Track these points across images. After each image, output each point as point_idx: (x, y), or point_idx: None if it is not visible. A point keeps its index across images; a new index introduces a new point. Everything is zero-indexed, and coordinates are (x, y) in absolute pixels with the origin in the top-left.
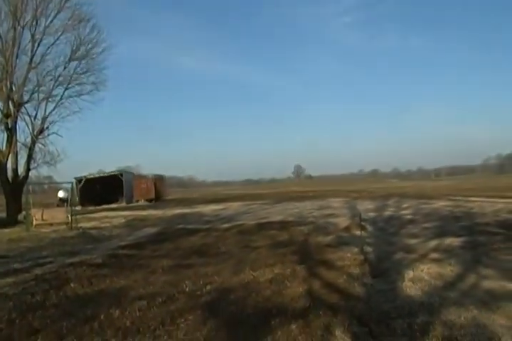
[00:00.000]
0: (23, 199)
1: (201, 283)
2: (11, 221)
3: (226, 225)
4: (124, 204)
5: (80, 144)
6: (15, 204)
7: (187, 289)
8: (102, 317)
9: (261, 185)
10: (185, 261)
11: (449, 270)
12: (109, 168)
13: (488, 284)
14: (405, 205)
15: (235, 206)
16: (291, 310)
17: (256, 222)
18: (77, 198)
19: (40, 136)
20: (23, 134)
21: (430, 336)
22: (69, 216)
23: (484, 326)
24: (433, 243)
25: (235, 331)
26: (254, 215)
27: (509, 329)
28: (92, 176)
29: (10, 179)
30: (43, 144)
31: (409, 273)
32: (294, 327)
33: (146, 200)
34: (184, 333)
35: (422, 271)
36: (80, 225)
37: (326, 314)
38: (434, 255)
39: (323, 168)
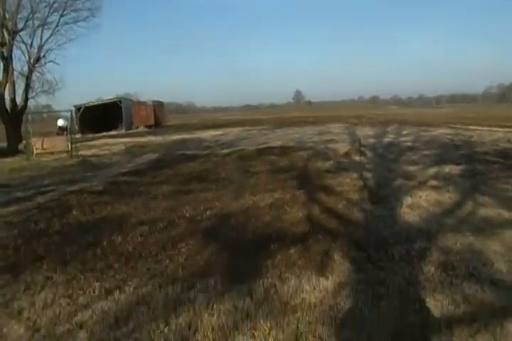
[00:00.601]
0: (23, 128)
1: (201, 208)
2: (11, 150)
3: (226, 151)
4: (123, 131)
5: (78, 73)
6: (15, 134)
7: (187, 214)
8: (104, 243)
9: (260, 111)
10: (185, 187)
11: (447, 197)
12: (108, 96)
13: (485, 212)
14: (405, 132)
15: (234, 131)
16: (290, 235)
17: (256, 148)
18: (77, 126)
19: (37, 65)
20: (20, 63)
21: (427, 261)
22: (69, 144)
23: (480, 252)
24: (432, 170)
25: (235, 255)
26: (254, 141)
27: (503, 255)
28: (91, 104)
29: (8, 109)
30: (40, 73)
31: (408, 200)
32: (293, 251)
33: (146, 127)
34: (185, 257)
35: (420, 197)
36: (80, 153)
37: (325, 239)
38: (433, 182)
39: (323, 94)
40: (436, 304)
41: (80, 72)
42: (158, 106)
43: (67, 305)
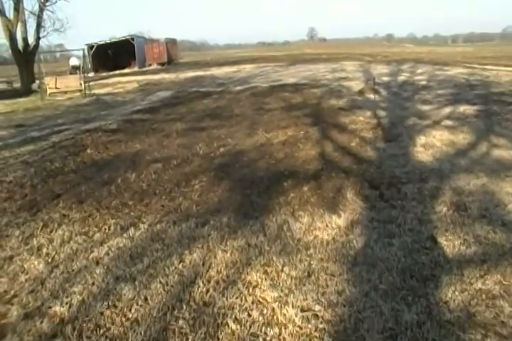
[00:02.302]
0: (35, 68)
1: (215, 145)
2: (25, 90)
3: (239, 88)
4: (136, 68)
5: (90, 12)
6: (28, 74)
7: (201, 152)
8: (119, 180)
9: (274, 48)
10: (198, 124)
11: (462, 137)
12: (121, 34)
13: (499, 153)
14: (420, 71)
15: (248, 68)
16: (303, 172)
17: (269, 85)
18: (90, 65)
19: (47, 3)
20: (31, 2)
21: (439, 201)
22: (82, 83)
23: (492, 193)
24: (447, 110)
25: (247, 192)
26: (267, 78)
27: None
28: (103, 42)
29: (21, 48)
30: (51, 11)
31: (422, 139)
32: (306, 188)
33: (159, 64)
34: (199, 194)
35: (434, 137)
36: (93, 92)
37: (338, 177)
38: (447, 122)
39: (337, 31)
40: (448, 244)
41: (93, 11)
42: (171, 44)
43: (84, 242)
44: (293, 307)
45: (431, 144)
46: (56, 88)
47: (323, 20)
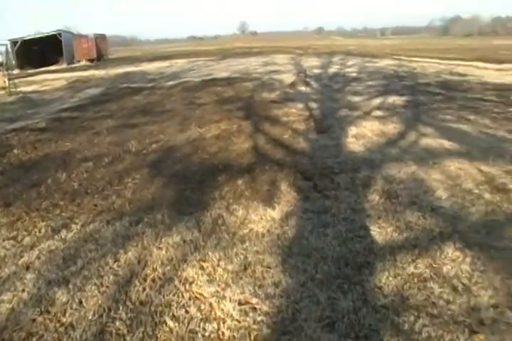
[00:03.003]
0: None
1: (147, 141)
2: None
3: (171, 83)
4: (64, 65)
5: (14, 7)
6: None
7: (133, 149)
8: (48, 181)
9: (205, 42)
10: (130, 121)
11: (391, 127)
12: (48, 30)
13: (426, 142)
14: (350, 63)
15: (179, 63)
16: (237, 165)
17: (201, 79)
18: (14, 61)
19: None
20: None
21: (371, 190)
22: (6, 80)
23: (422, 180)
24: (376, 101)
25: (182, 188)
26: (199, 72)
27: (443, 183)
28: (28, 38)
29: None
30: None
31: (353, 130)
32: (240, 182)
33: (88, 60)
34: (132, 192)
35: (364, 127)
36: (19, 90)
37: (271, 169)
38: (378, 112)
39: (268, 25)
40: (381, 231)
41: (17, 4)
42: (100, 39)
43: (12, 247)
44: (230, 301)
45: (362, 135)
46: None
47: (254, 14)
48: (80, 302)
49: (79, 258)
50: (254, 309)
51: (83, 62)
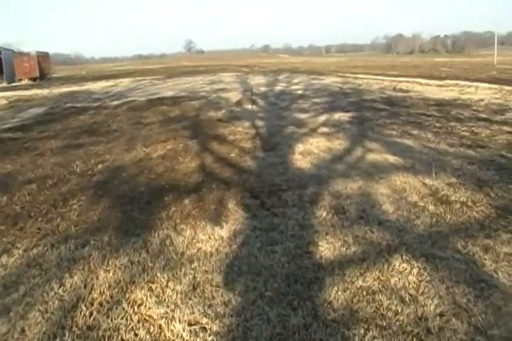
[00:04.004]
0: None
1: (92, 162)
2: None
3: (116, 102)
4: (4, 84)
5: None
6: None
7: (78, 170)
8: None
9: (151, 61)
10: (75, 141)
11: (337, 143)
12: None
13: (372, 157)
14: (296, 80)
15: (124, 82)
16: (184, 185)
17: (147, 98)
18: None
19: None
20: None
21: (319, 206)
22: None
23: (368, 195)
24: (323, 118)
25: (128, 209)
26: (145, 91)
27: (389, 197)
28: None
29: None
30: None
31: (300, 147)
32: (187, 202)
33: (30, 79)
34: (77, 214)
35: (311, 144)
36: None
37: (218, 188)
38: (324, 129)
39: (214, 43)
40: (329, 247)
41: None
42: (43, 57)
43: None
44: (180, 322)
45: (309, 151)
46: None
47: (201, 32)
48: (23, 330)
49: (21, 285)
50: (205, 329)
51: (25, 81)
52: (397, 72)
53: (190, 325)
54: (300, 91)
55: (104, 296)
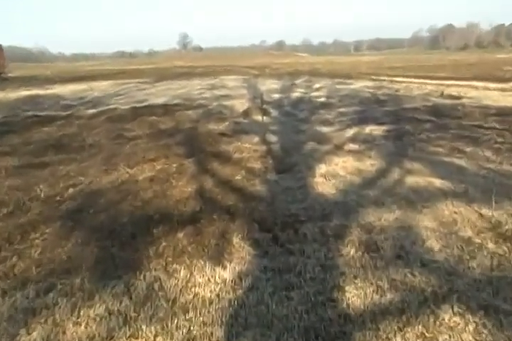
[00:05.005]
0: None
1: (61, 185)
2: None
3: (93, 111)
4: None
5: None
6: None
7: (42, 195)
8: None
9: (137, 60)
10: (38, 159)
11: (369, 164)
12: None
13: (413, 180)
14: (318, 85)
15: (103, 86)
16: (178, 215)
17: (131, 106)
18: None
19: None
20: None
21: (346, 242)
22: None
23: (409, 228)
24: (351, 131)
25: (107, 244)
26: (130, 97)
27: (434, 231)
28: None
29: None
30: None
31: (322, 168)
32: (181, 235)
33: None
34: (40, 251)
35: (336, 165)
36: None
37: (220, 218)
38: (352, 146)
39: (215, 38)
40: (358, 293)
41: None
42: None
43: None
44: None
45: (333, 173)
46: None
47: (199, 25)
48: None
49: None
50: None
51: None
52: (446, 74)
53: None
54: (322, 99)
55: None
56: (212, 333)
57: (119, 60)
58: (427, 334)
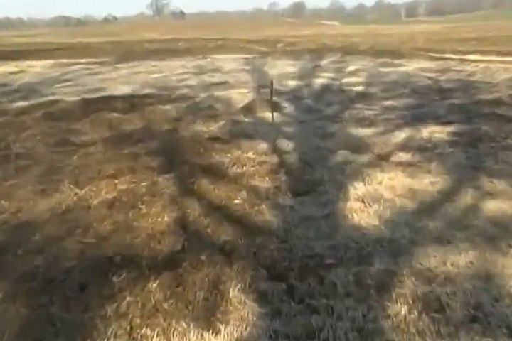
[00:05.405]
0: None
1: None
2: None
3: (23, 103)
4: None
5: None
6: None
7: None
8: None
9: (88, 29)
10: None
11: (428, 182)
12: None
13: (495, 206)
14: (353, 68)
15: (39, 67)
16: (149, 256)
17: (82, 98)
18: None
19: None
20: None
21: (394, 296)
22: None
23: (486, 277)
24: (401, 135)
25: (43, 301)
26: (79, 85)
27: None
28: None
29: None
30: None
31: (359, 188)
32: (154, 286)
33: None
34: None
35: (380, 183)
36: None
37: (212, 261)
38: (403, 156)
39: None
40: None
41: None
42: None
43: None
44: None
45: (375, 196)
46: None
47: None
48: None
49: None
50: None
51: None
52: None
53: None
54: (360, 88)
55: None
56: None
57: (61, 30)
58: None
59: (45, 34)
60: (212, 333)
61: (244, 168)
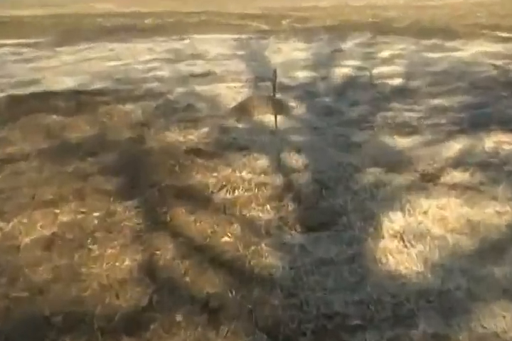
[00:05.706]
0: None
1: None
2: None
3: None
4: None
5: None
6: None
7: None
8: None
9: None
10: None
11: (493, 211)
12: None
13: None
14: (387, 53)
15: None
16: (103, 316)
17: (7, 95)
18: None
19: None
20: None
21: None
22: None
23: None
24: (455, 146)
25: None
26: (3, 77)
27: None
28: None
29: None
30: None
31: (396, 220)
32: None
33: None
34: None
35: (425, 213)
36: None
37: (191, 322)
38: (457, 175)
39: None
40: None
41: None
42: None
43: None
44: None
45: (419, 231)
46: None
47: None
48: None
49: None
50: None
51: None
52: None
53: None
54: (397, 80)
55: None
56: None
57: None
58: None
59: None
60: None
61: (237, 193)
